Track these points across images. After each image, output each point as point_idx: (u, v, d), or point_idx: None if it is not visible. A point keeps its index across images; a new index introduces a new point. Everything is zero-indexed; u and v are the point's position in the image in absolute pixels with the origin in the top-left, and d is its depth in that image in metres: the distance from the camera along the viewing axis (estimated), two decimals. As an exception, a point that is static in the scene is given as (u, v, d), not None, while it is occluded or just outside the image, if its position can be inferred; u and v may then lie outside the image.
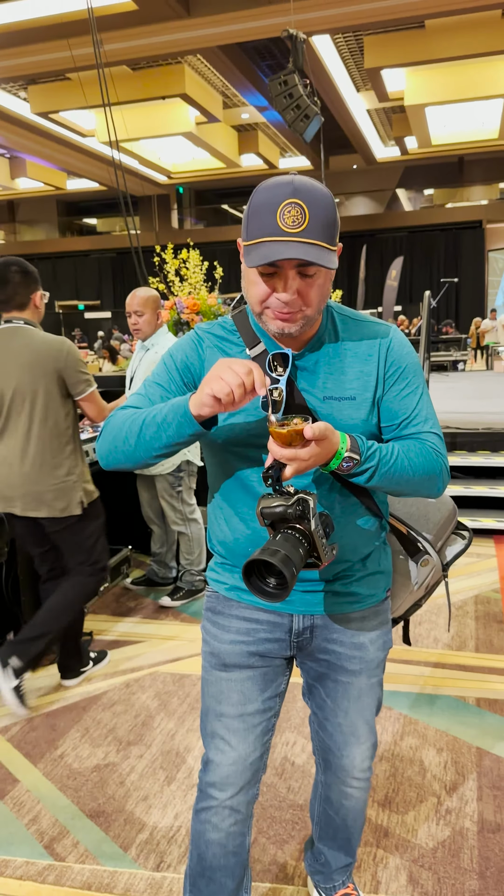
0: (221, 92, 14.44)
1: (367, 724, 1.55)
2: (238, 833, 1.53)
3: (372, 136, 16.64)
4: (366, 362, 1.37)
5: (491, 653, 3.17)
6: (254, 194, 1.25)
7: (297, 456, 1.18)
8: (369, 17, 10.64)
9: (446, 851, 2.03)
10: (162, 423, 1.27)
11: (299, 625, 1.45)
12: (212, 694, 1.51)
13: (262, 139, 16.95)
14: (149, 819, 2.20)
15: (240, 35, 11.16)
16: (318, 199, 1.21)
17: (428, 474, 1.35)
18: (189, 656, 3.24)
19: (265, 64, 13.22)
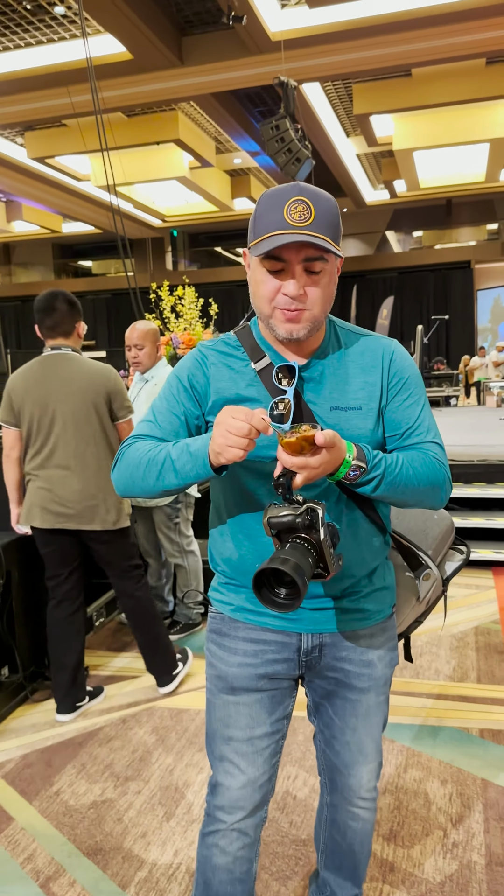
0: (214, 137, 14.74)
1: (374, 742, 1.53)
2: (245, 859, 1.50)
3: (362, 180, 16.96)
4: (370, 373, 1.38)
5: (493, 683, 3.13)
6: (260, 201, 1.31)
7: (307, 464, 1.18)
8: (357, 65, 10.95)
9: (454, 886, 1.98)
10: (181, 471, 1.29)
11: (308, 644, 1.43)
12: (219, 718, 1.49)
13: (254, 183, 17.27)
14: (148, 856, 2.14)
15: (232, 83, 11.45)
16: (324, 200, 1.27)
17: (432, 484, 1.35)
18: (187, 691, 3.18)
19: (257, 110, 13.54)
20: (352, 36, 10.15)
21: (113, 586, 3.16)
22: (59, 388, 2.87)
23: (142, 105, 12.20)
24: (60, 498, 2.88)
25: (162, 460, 1.31)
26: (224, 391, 1.38)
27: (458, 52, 10.63)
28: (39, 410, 2.87)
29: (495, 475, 5.33)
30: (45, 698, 3.16)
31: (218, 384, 1.38)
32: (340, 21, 9.87)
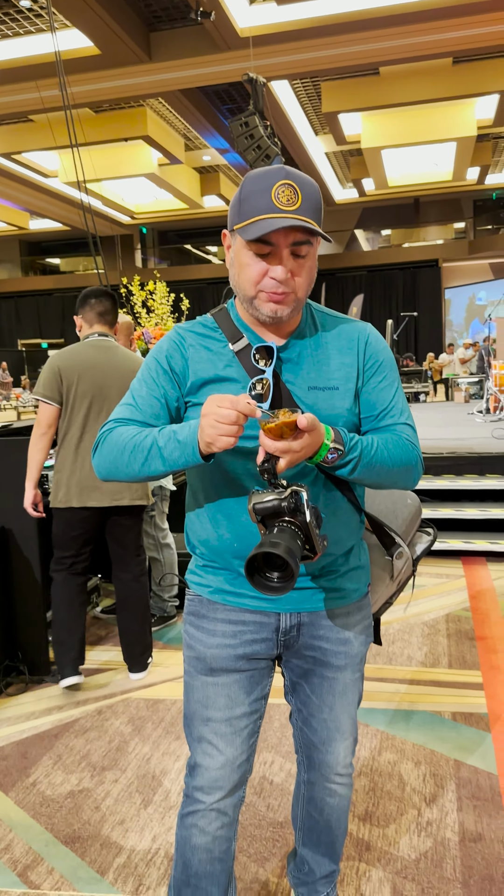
0: (183, 134, 14.72)
1: (350, 719, 1.56)
2: (224, 838, 1.51)
3: (330, 179, 17.08)
4: (346, 354, 1.41)
5: (464, 668, 3.19)
6: (245, 182, 1.31)
7: (290, 448, 1.20)
8: (326, 63, 11.01)
9: (429, 862, 2.02)
10: (169, 458, 1.29)
11: (286, 623, 1.45)
12: (197, 699, 1.50)
13: (223, 181, 17.29)
14: (126, 843, 2.15)
15: (200, 79, 11.44)
16: (308, 184, 1.29)
17: (405, 465, 1.38)
18: (162, 681, 3.19)
19: (226, 108, 13.55)
20: (320, 33, 10.21)
21: (116, 571, 3.20)
22: (113, 372, 3.02)
23: (109, 101, 12.15)
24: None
25: (148, 447, 1.31)
26: (203, 372, 1.38)
27: (425, 52, 10.75)
28: (95, 391, 2.99)
29: (464, 467, 5.41)
30: (19, 692, 3.14)
31: (196, 365, 1.39)
32: (309, 18, 9.91)
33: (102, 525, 3.10)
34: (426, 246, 20.46)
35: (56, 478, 3.02)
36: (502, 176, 17.73)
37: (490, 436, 6.47)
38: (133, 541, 3.18)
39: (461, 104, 13.20)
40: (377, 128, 13.74)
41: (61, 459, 3.02)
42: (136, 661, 3.20)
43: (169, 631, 3.78)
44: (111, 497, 3.00)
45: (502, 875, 1.95)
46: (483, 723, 2.73)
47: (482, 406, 9.06)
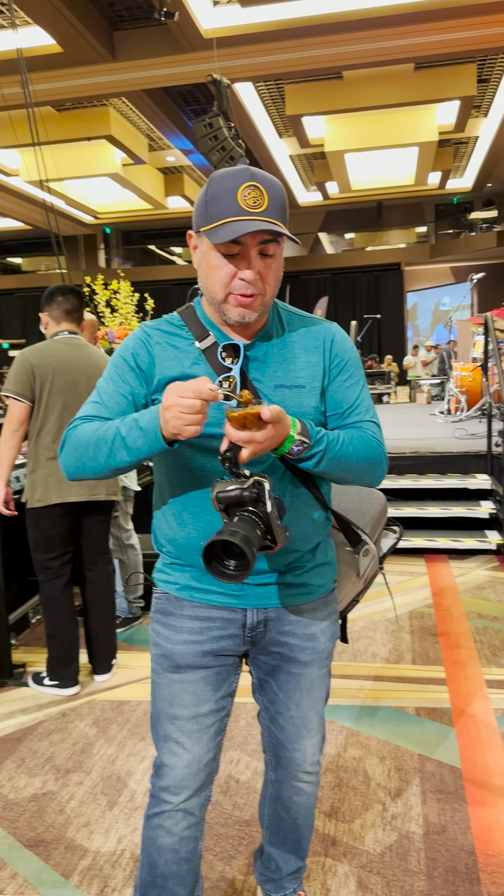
0: (147, 134, 14.65)
1: (318, 716, 1.56)
2: (191, 838, 1.51)
3: (294, 181, 17.14)
4: (312, 353, 1.42)
5: (427, 664, 3.22)
6: (210, 183, 1.31)
7: (252, 438, 1.20)
8: (289, 66, 11.04)
9: (394, 855, 2.03)
10: (132, 447, 1.28)
11: (253, 619, 1.45)
12: (164, 697, 1.49)
13: (188, 182, 17.24)
14: (91, 845, 2.13)
15: (164, 80, 11.39)
16: (273, 184, 1.30)
17: (370, 461, 1.40)
18: (127, 683, 3.17)
19: (189, 108, 13.52)
20: (284, 36, 10.24)
21: (84, 570, 3.17)
22: (87, 370, 3.01)
23: (72, 100, 12.04)
24: None
25: (112, 438, 1.30)
26: (169, 370, 1.38)
27: (388, 57, 10.85)
28: (70, 389, 2.98)
29: (426, 467, 5.47)
30: (-19, 695, 3.09)
31: (163, 363, 1.38)
32: (272, 21, 9.94)
33: (76, 523, 3.08)
34: (389, 249, 20.66)
35: (31, 478, 2.98)
36: (463, 181, 17.99)
37: (451, 436, 6.56)
38: (102, 539, 3.17)
39: (423, 109, 13.35)
40: (341, 131, 13.83)
41: (35, 458, 2.98)
42: (102, 663, 3.17)
43: (133, 632, 3.76)
44: (89, 491, 3.00)
45: (465, 866, 1.98)
46: (446, 717, 2.76)
47: (443, 407, 9.18)
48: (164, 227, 20.27)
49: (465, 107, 12.79)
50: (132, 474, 3.78)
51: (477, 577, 4.42)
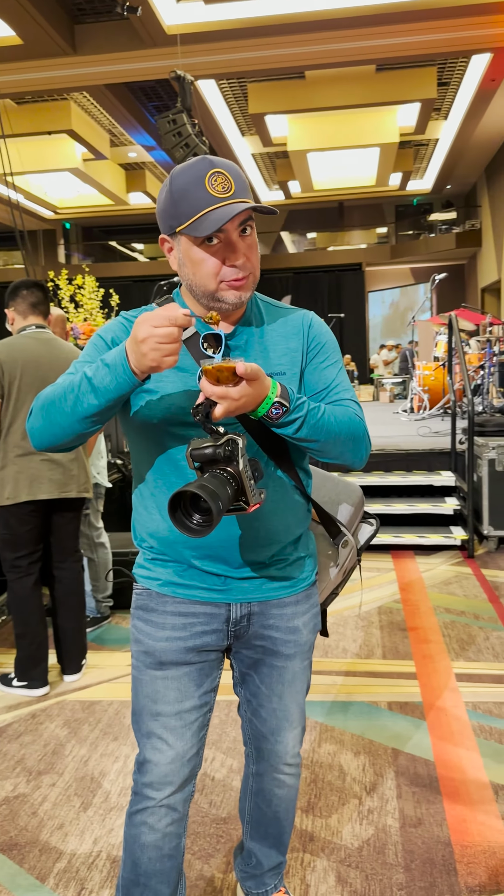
0: (108, 130, 14.50)
1: (299, 708, 1.57)
2: (174, 834, 1.49)
3: (257, 180, 17.14)
4: (291, 340, 1.42)
5: (397, 659, 3.25)
6: (171, 181, 1.29)
7: (227, 394, 1.18)
8: (252, 64, 11.05)
9: (371, 849, 2.04)
10: (100, 387, 1.23)
11: (237, 613, 1.44)
12: (146, 694, 1.47)
13: (149, 178, 17.11)
14: (66, 847, 2.10)
15: (126, 75, 11.30)
16: (232, 166, 1.30)
17: (352, 435, 1.37)
18: (97, 683, 3.13)
19: (152, 105, 13.42)
20: (247, 34, 10.24)
21: (53, 569, 3.14)
22: (56, 366, 2.93)
23: (32, 93, 11.86)
24: (64, 468, 2.98)
25: (77, 383, 1.25)
26: None
27: (350, 58, 10.91)
28: (40, 384, 2.87)
29: (392, 464, 5.53)
30: None
31: None
32: (236, 19, 9.93)
33: (46, 521, 3.03)
34: (350, 250, 20.80)
35: (0, 475, 2.92)
36: (423, 182, 18.19)
37: (416, 434, 6.64)
38: (73, 537, 3.13)
39: (384, 111, 13.47)
40: (303, 131, 13.88)
41: (4, 455, 2.92)
42: (72, 664, 3.13)
43: (103, 632, 3.72)
44: (59, 489, 2.95)
45: (442, 858, 2.00)
46: (418, 711, 2.79)
47: (406, 405, 9.28)
48: (126, 224, 20.09)
49: (426, 109, 12.94)
50: (103, 471, 3.74)
51: (443, 573, 4.48)
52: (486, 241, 16.97)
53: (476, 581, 4.29)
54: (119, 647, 3.51)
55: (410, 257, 19.32)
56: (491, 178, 16.13)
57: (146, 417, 1.35)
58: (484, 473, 4.81)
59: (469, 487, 4.78)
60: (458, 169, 16.66)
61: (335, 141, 13.98)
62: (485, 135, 14.34)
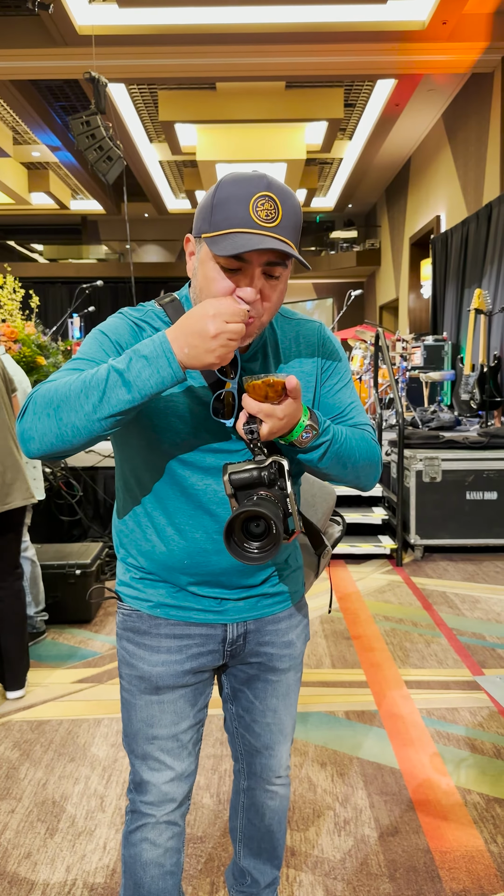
0: (12, 127, 14.04)
1: (291, 720, 1.55)
2: (175, 850, 1.47)
3: (164, 187, 17.01)
4: (305, 363, 1.36)
5: (346, 667, 3.28)
6: (220, 186, 1.18)
7: (273, 413, 1.14)
8: (163, 72, 11.01)
9: (354, 860, 2.04)
10: (136, 382, 1.09)
11: (233, 633, 1.40)
12: (141, 718, 1.42)
13: (53, 179, 16.66)
14: (37, 877, 1.98)
15: (33, 72, 11.00)
16: (290, 198, 1.17)
17: (370, 460, 1.37)
18: (43, 702, 2.98)
19: (59, 104, 13.11)
20: (159, 41, 10.19)
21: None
22: None
23: None
24: (1, 478, 2.86)
25: (103, 377, 1.10)
26: None
27: (260, 73, 11.06)
28: None
29: (318, 474, 5.59)
30: None
31: None
32: (149, 25, 9.87)
33: None
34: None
35: None
36: (326, 200, 18.63)
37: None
38: (14, 553, 2.98)
39: (292, 127, 13.73)
40: (212, 141, 13.93)
41: None
42: (16, 680, 2.98)
43: (40, 648, 3.55)
44: (0, 502, 2.79)
45: (424, 865, 2.02)
46: (376, 720, 2.82)
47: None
48: (26, 223, 19.47)
49: (332, 129, 13.27)
50: (40, 482, 3.57)
51: (375, 581, 4.56)
52: (384, 260, 17.57)
53: (408, 589, 4.40)
54: (60, 664, 3.36)
55: (313, 273, 19.74)
56: (390, 200, 16.73)
57: (147, 429, 1.27)
58: (412, 484, 4.95)
59: (399, 498, 4.91)
60: (360, 189, 17.18)
61: (244, 154, 14.11)
62: (387, 157, 14.87)
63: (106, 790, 2.36)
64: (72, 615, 3.83)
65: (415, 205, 14.39)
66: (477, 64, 9.61)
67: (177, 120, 12.87)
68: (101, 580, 4.13)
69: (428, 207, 13.31)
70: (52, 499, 4.92)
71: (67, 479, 4.97)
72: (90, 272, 17.77)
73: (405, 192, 15.17)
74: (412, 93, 11.41)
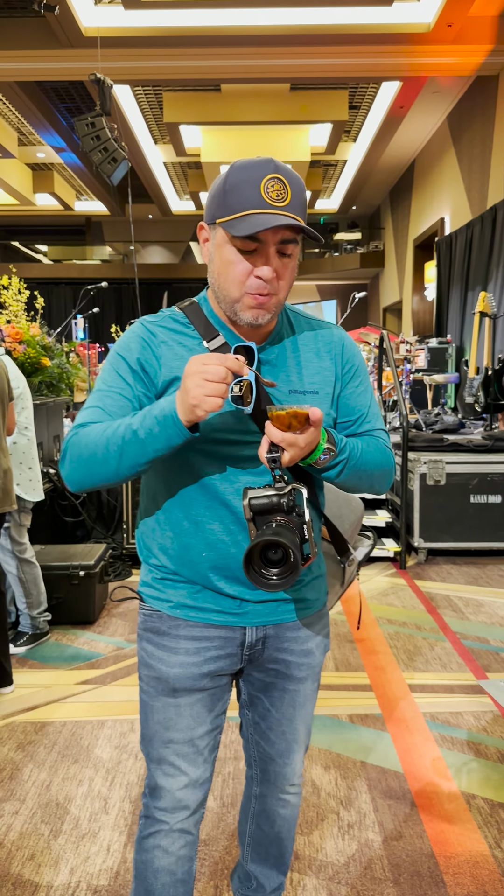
0: (17, 128, 14.06)
1: (307, 728, 1.55)
2: (187, 858, 1.46)
3: (168, 189, 17.03)
4: (323, 359, 1.39)
5: (350, 671, 3.28)
6: (230, 172, 1.25)
7: (295, 442, 1.18)
8: (168, 73, 11.02)
9: (358, 865, 2.04)
10: (147, 440, 1.19)
11: (252, 637, 1.40)
12: (158, 721, 1.42)
13: (57, 180, 16.69)
14: (41, 879, 1.98)
15: (39, 74, 11.03)
16: (296, 179, 1.24)
17: (384, 469, 1.40)
18: (46, 703, 2.99)
19: (64, 106, 13.14)
20: (165, 43, 10.20)
21: None
22: None
23: None
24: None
25: (122, 435, 1.20)
26: (177, 370, 1.30)
27: (264, 75, 11.07)
28: None
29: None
30: None
31: (170, 363, 1.31)
32: (154, 27, 9.89)
33: None
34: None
35: None
36: (330, 202, 18.64)
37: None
38: None
39: (297, 129, 13.73)
40: (216, 143, 13.95)
41: None
42: (6, 677, 3.02)
43: (42, 649, 3.56)
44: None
45: (428, 870, 2.02)
46: (379, 723, 2.82)
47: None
48: (30, 224, 19.50)
49: (337, 130, 13.28)
50: (25, 483, 3.54)
51: (379, 584, 4.56)
52: (388, 262, 17.56)
53: (412, 592, 4.39)
54: (63, 665, 3.36)
55: (316, 274, 19.72)
56: (394, 202, 16.73)
57: None
58: (415, 487, 4.94)
59: (403, 501, 4.90)
60: (364, 191, 17.18)
61: (248, 155, 13.81)
62: (391, 159, 14.86)
63: (110, 792, 2.36)
64: (75, 616, 3.84)
65: (419, 207, 14.39)
66: (482, 66, 9.61)
67: (181, 121, 12.89)
68: (104, 582, 4.13)
69: (432, 210, 13.31)
70: (56, 500, 4.92)
71: (71, 481, 4.97)
72: (94, 273, 17.79)
73: (409, 195, 15.17)
74: (417, 95, 11.40)
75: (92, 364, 8.07)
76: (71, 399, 5.92)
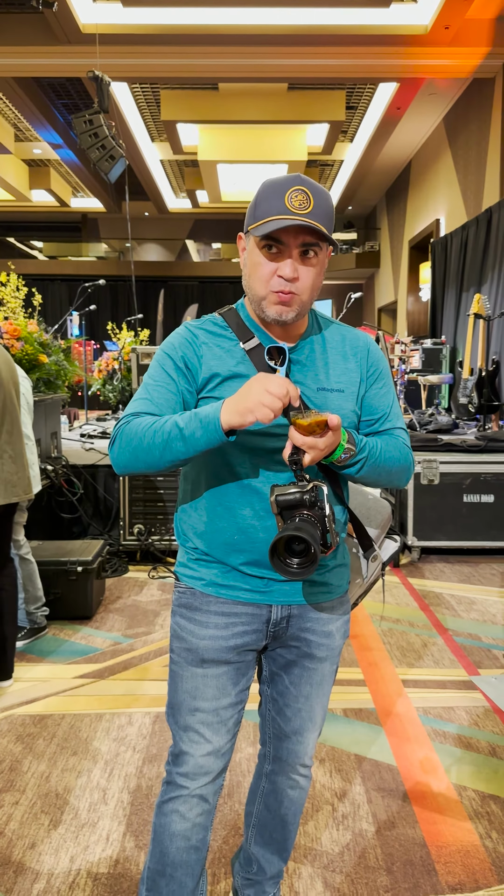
0: (13, 124, 14.05)
1: (322, 710, 1.63)
2: (202, 826, 1.54)
3: (164, 186, 17.06)
4: (349, 360, 1.50)
5: (345, 666, 3.32)
6: (260, 188, 1.39)
7: (315, 445, 1.28)
8: (166, 71, 11.04)
9: (352, 854, 2.09)
10: (190, 439, 1.31)
11: (277, 615, 1.49)
12: (186, 689, 1.52)
13: (54, 176, 16.70)
14: (42, 867, 2.02)
15: (36, 70, 11.04)
16: (321, 192, 1.36)
17: (402, 465, 1.51)
18: (45, 696, 3.02)
19: (61, 102, 13.14)
20: (163, 41, 10.22)
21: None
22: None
23: None
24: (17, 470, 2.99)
25: (168, 430, 1.32)
26: (216, 367, 1.43)
27: (262, 74, 11.10)
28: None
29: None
30: None
31: (210, 361, 1.43)
32: (153, 24, 9.90)
33: None
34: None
35: None
36: (325, 201, 18.67)
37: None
38: (5, 544, 3.06)
39: (294, 129, 13.77)
40: (214, 142, 13.96)
41: None
42: (7, 670, 3.07)
43: (40, 643, 3.59)
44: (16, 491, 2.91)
45: (420, 859, 2.07)
46: (373, 717, 2.87)
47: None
48: (26, 220, 19.49)
49: (334, 131, 13.32)
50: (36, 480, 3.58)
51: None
52: (384, 262, 17.62)
53: (405, 590, 4.45)
54: (61, 660, 3.40)
55: (311, 273, 19.75)
56: (390, 203, 16.78)
57: None
58: (410, 486, 4.99)
59: (397, 500, 4.95)
60: (361, 191, 17.23)
61: (245, 154, 14.15)
62: (387, 160, 14.91)
63: (108, 783, 2.40)
64: (73, 611, 3.88)
65: (415, 208, 14.44)
66: (478, 69, 9.66)
67: (179, 119, 12.90)
68: (101, 577, 4.16)
69: (428, 211, 13.37)
70: (53, 496, 4.95)
71: (68, 477, 5.01)
72: (90, 270, 17.81)
73: (405, 196, 15.22)
74: (414, 96, 11.45)
75: (88, 361, 8.08)
76: (68, 397, 5.95)
